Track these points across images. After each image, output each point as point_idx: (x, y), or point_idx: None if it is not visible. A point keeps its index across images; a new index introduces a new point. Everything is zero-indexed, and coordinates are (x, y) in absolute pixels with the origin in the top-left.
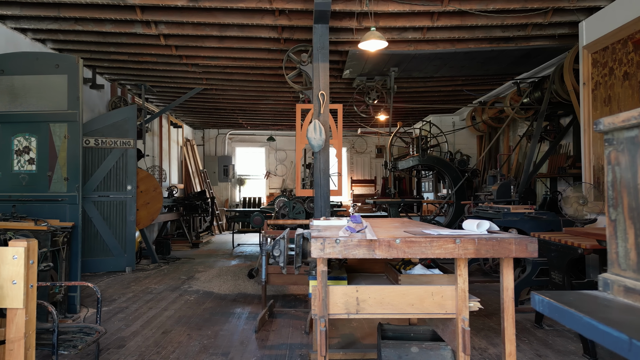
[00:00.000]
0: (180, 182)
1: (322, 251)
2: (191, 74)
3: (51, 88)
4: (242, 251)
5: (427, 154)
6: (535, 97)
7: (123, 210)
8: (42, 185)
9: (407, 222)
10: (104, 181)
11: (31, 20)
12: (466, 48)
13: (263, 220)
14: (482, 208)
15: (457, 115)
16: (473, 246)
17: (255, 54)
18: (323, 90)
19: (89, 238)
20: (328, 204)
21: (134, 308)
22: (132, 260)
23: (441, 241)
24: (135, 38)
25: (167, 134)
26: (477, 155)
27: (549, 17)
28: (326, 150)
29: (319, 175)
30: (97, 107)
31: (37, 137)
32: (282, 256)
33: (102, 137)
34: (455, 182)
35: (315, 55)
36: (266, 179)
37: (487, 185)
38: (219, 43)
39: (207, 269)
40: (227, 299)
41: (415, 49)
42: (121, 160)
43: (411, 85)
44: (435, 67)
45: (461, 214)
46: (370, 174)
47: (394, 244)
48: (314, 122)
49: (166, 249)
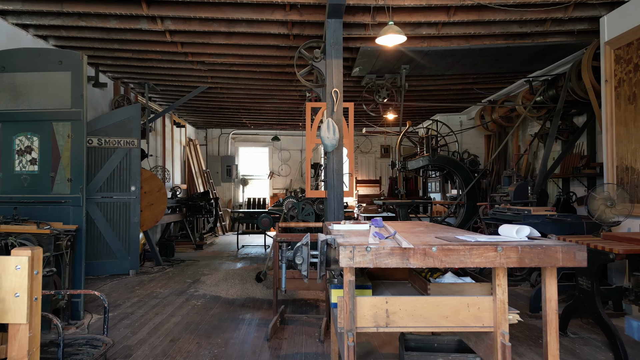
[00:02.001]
0: (183, 182)
1: (351, 260)
2: (196, 72)
3: (54, 85)
4: (247, 253)
5: (438, 153)
6: (549, 96)
7: (127, 211)
8: (44, 186)
9: (430, 226)
10: (107, 182)
11: (33, 15)
12: (481, 45)
13: (271, 222)
14: (499, 210)
15: (464, 114)
16: (516, 254)
17: (263, 50)
18: (336, 88)
19: (92, 240)
20: (341, 206)
21: (140, 314)
22: (136, 263)
23: (481, 249)
24: (141, 34)
25: (170, 134)
26: (484, 155)
27: (569, 11)
28: (340, 150)
29: (332, 176)
30: (100, 106)
31: (39, 136)
32: (305, 264)
33: (106, 136)
34: (466, 183)
35: (328, 52)
36: (270, 179)
37: (502, 186)
38: (226, 39)
39: (213, 272)
40: (236, 304)
41: (429, 46)
42: (125, 160)
43: (421, 84)
44: (447, 65)
45: (473, 215)
46: (375, 174)
47: (430, 252)
48: (327, 121)
49: (170, 251)
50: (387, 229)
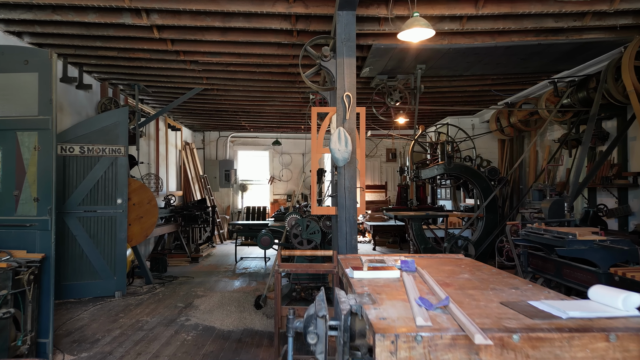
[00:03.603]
0: (179, 189)
1: (393, 355)
2: (190, 72)
3: (19, 89)
4: (246, 267)
5: (454, 161)
6: (578, 98)
7: (112, 226)
8: (7, 207)
9: (474, 269)
10: (90, 194)
11: (0, 8)
12: (508, 42)
13: (272, 240)
14: (533, 231)
15: (477, 117)
16: (638, 347)
17: (262, 49)
18: (349, 92)
19: (73, 259)
20: (354, 229)
21: (120, 354)
22: (123, 284)
23: (585, 338)
24: (124, 30)
25: (165, 138)
26: (498, 161)
27: (616, 3)
28: (352, 164)
29: (344, 194)
30: (85, 110)
31: (1, 148)
32: (321, 345)
33: (89, 143)
34: (485, 194)
35: (339, 49)
36: (270, 184)
37: (532, 201)
38: (221, 36)
39: (208, 293)
40: (232, 339)
41: (450, 43)
42: (110, 170)
43: (435, 85)
44: (467, 64)
45: (492, 229)
46: (381, 179)
47: (511, 344)
48: (338, 130)
49: (162, 265)
50: (433, 289)
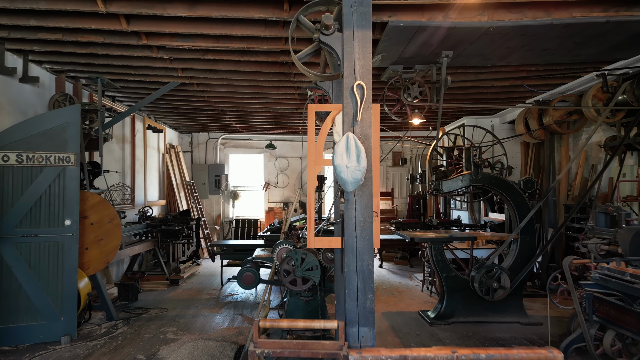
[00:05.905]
0: (161, 198)
1: None
2: (160, 62)
3: None
4: (233, 293)
5: (481, 171)
6: (635, 94)
7: (59, 254)
8: None
9: None
10: (30, 214)
11: None
12: (567, 18)
13: (256, 278)
14: (613, 274)
15: (497, 117)
16: None
17: (245, 28)
18: (362, 80)
19: (8, 296)
20: (371, 285)
21: None
22: (72, 325)
23: None
24: (61, 3)
25: (143, 140)
26: (521, 167)
27: None
28: (367, 187)
29: (354, 232)
30: (34, 109)
31: None
32: None
33: (29, 150)
34: (519, 210)
35: (347, 18)
36: (265, 191)
37: (597, 227)
38: (188, 10)
39: (180, 336)
40: None
41: (490, 20)
42: (57, 183)
43: (458, 79)
44: (506, 51)
45: (529, 255)
46: (386, 184)
47: None
48: (346, 137)
49: (132, 293)
50: None
